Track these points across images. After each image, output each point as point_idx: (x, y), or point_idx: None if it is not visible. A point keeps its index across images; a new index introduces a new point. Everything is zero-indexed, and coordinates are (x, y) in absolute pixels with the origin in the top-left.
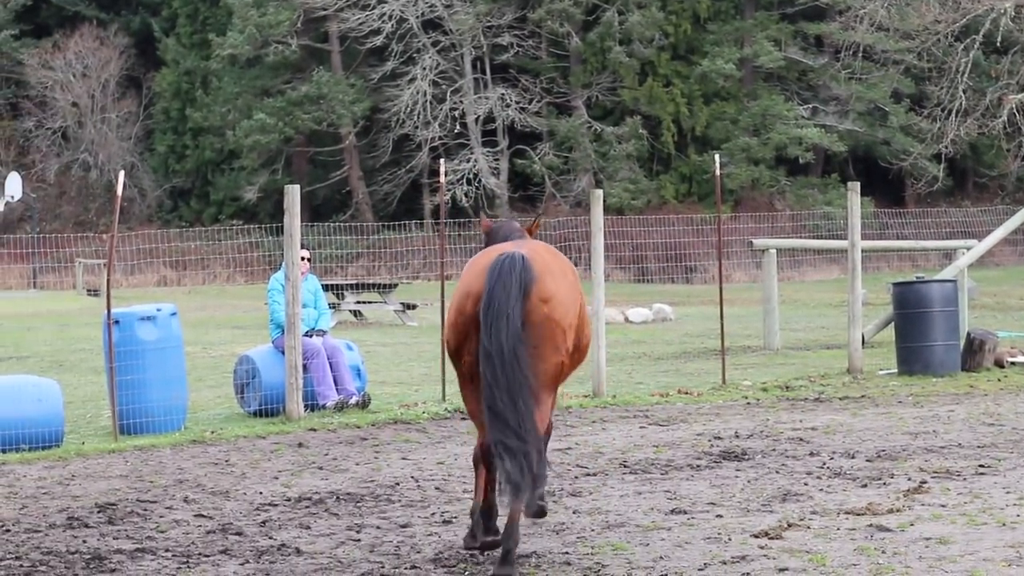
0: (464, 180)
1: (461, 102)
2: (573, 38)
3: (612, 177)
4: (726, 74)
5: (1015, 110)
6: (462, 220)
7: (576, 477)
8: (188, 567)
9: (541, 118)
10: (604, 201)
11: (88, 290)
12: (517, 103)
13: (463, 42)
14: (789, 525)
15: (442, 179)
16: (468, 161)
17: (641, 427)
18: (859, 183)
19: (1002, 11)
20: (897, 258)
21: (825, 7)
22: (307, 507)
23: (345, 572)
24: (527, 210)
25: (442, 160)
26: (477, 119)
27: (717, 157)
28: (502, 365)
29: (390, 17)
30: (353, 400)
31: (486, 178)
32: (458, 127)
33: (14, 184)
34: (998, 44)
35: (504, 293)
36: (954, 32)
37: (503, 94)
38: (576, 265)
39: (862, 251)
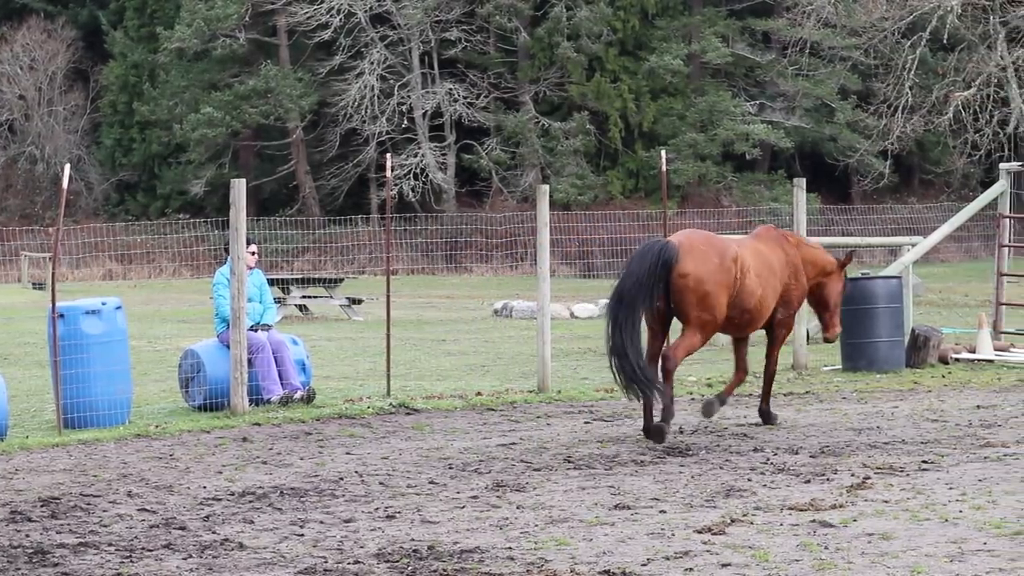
0: (411, 175)
1: (409, 97)
2: (521, 33)
3: (559, 172)
4: (673, 70)
5: (961, 107)
6: (409, 215)
7: (520, 472)
8: (131, 561)
9: (489, 113)
10: (551, 196)
11: (33, 284)
12: (465, 98)
13: (411, 37)
14: (732, 521)
15: (388, 174)
16: (415, 156)
17: (586, 422)
18: (805, 179)
19: (948, 8)
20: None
21: (773, 3)
22: (251, 502)
23: (288, 567)
24: (474, 205)
25: (389, 155)
26: (425, 114)
27: (663, 153)
28: None
29: (338, 11)
30: (298, 395)
31: (433, 173)
32: (405, 122)
33: None
34: (944, 41)
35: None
36: (901, 29)
37: (451, 89)
38: (522, 260)
39: None
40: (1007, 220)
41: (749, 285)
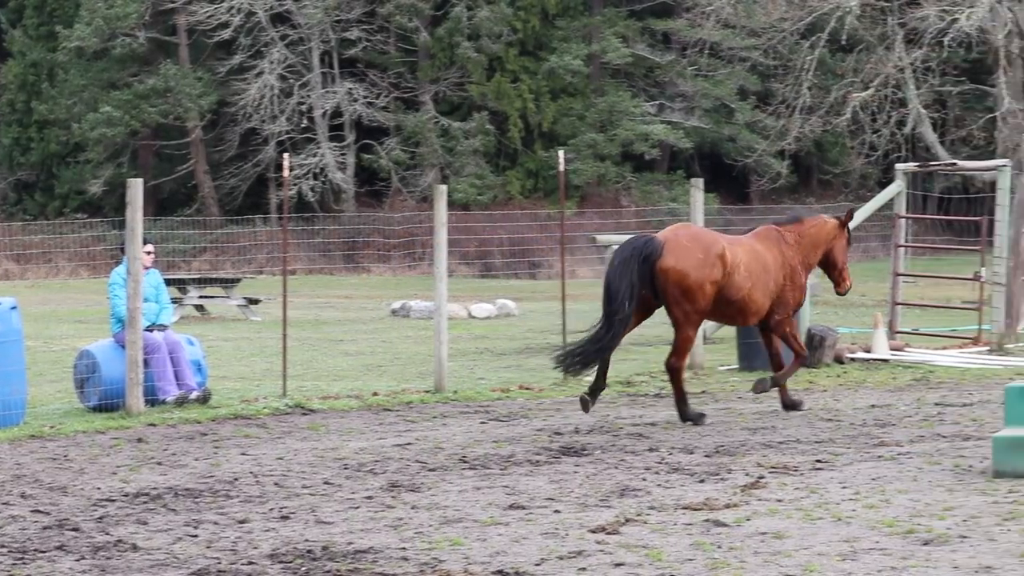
0: (311, 175)
1: (308, 96)
2: (422, 33)
3: (459, 172)
4: (573, 70)
5: (859, 108)
6: (308, 215)
7: (415, 472)
8: (24, 563)
9: (388, 113)
10: (450, 196)
11: None
12: (365, 98)
13: (311, 36)
14: (626, 520)
15: (286, 174)
16: (315, 156)
17: (482, 422)
18: (703, 179)
19: (847, 9)
20: None
21: (673, 4)
22: (145, 503)
23: (181, 568)
24: (373, 205)
25: (286, 155)
26: (324, 113)
27: (561, 153)
28: None
29: (238, 11)
30: (193, 395)
31: (332, 173)
32: (305, 121)
33: None
34: (843, 42)
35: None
36: (800, 30)
37: (351, 89)
38: (421, 260)
39: None
40: (903, 220)
41: (737, 280)
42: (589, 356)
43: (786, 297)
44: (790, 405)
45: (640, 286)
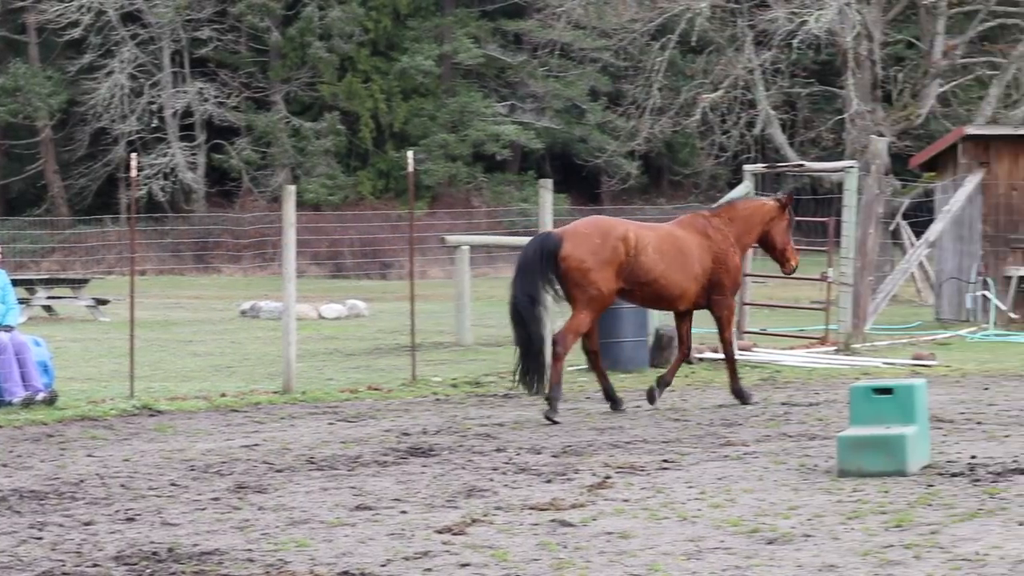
0: (161, 175)
1: (159, 96)
2: (273, 32)
3: (310, 172)
4: (425, 70)
5: (709, 109)
6: (158, 215)
7: (263, 474)
8: None
9: (240, 113)
10: (301, 196)
11: None
12: (216, 97)
13: (162, 36)
14: (473, 521)
15: (133, 174)
16: (165, 156)
17: (330, 423)
18: (551, 180)
19: (697, 11)
20: None
21: (524, 4)
22: None
23: (26, 571)
24: (224, 205)
25: (134, 155)
26: (175, 113)
27: (410, 154)
28: None
29: (88, 9)
30: (40, 396)
31: (183, 173)
32: (156, 121)
33: None
34: (693, 43)
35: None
36: (650, 31)
37: (201, 88)
38: (271, 261)
39: None
40: None
41: (644, 262)
42: (530, 365)
43: (720, 280)
44: (739, 394)
45: (547, 281)
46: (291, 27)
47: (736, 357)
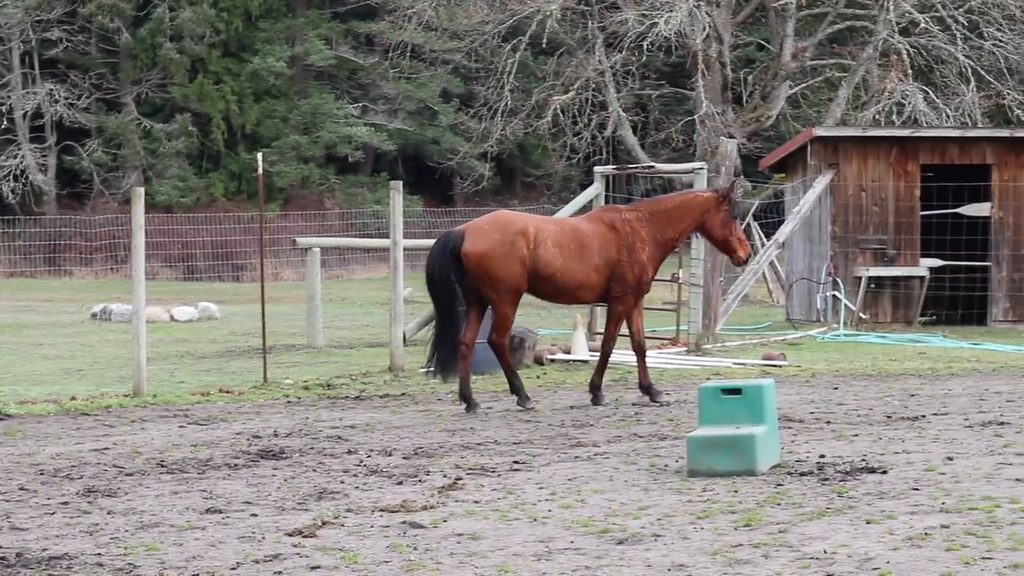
0: (11, 176)
1: (9, 97)
2: (123, 34)
3: (161, 175)
4: (277, 72)
5: (560, 111)
6: (8, 217)
7: (113, 477)
8: None
9: (90, 114)
10: (153, 198)
11: None
12: (66, 99)
13: (11, 36)
14: (324, 523)
15: None
16: (15, 157)
17: (180, 426)
18: (401, 182)
19: (548, 13)
20: None
21: (376, 6)
22: None
23: None
24: (75, 207)
25: None
26: (25, 115)
27: (259, 156)
28: None
29: None
30: None
31: (33, 175)
32: (5, 123)
33: None
34: (544, 45)
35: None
36: (501, 33)
37: (52, 89)
38: (123, 263)
39: (407, 249)
40: None
41: (544, 256)
42: (444, 355)
43: (623, 273)
44: (595, 389)
45: (452, 277)
46: (142, 28)
47: (611, 355)
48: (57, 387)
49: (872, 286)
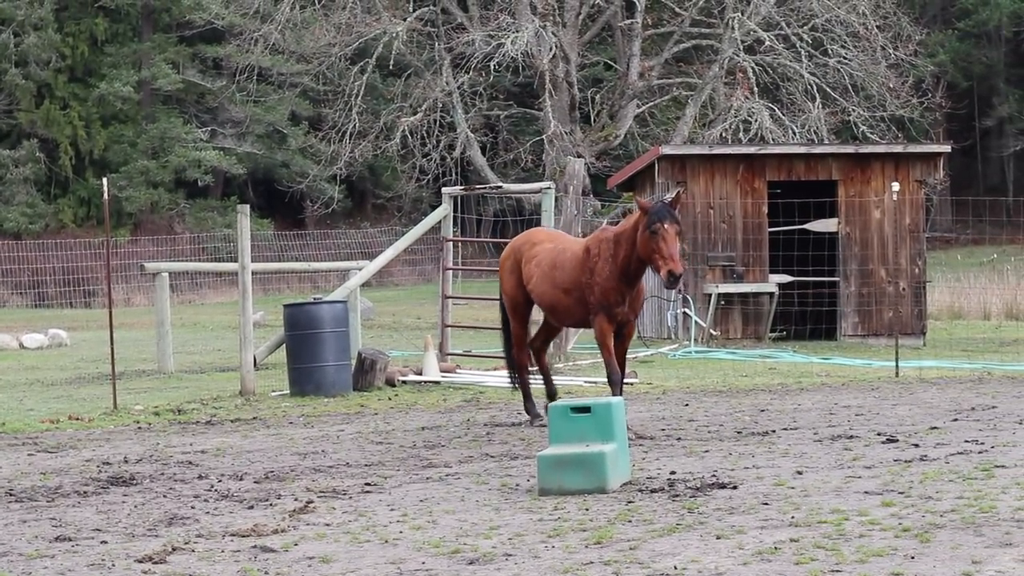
0: None
1: None
2: None
3: (9, 201)
4: (124, 96)
5: (408, 132)
6: None
7: None
8: None
9: None
10: (1, 225)
11: None
12: None
13: None
14: (174, 549)
15: None
16: None
17: (29, 454)
18: (248, 205)
19: (394, 35)
20: (298, 280)
21: (222, 30)
22: None
23: None
24: None
25: None
26: None
27: (105, 181)
28: None
29: None
30: None
31: None
32: None
33: None
34: (391, 67)
35: None
36: (348, 55)
37: None
38: None
39: (256, 273)
40: (450, 243)
41: (525, 272)
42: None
43: (586, 297)
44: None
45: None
46: None
47: (616, 378)
48: None
49: (722, 303)
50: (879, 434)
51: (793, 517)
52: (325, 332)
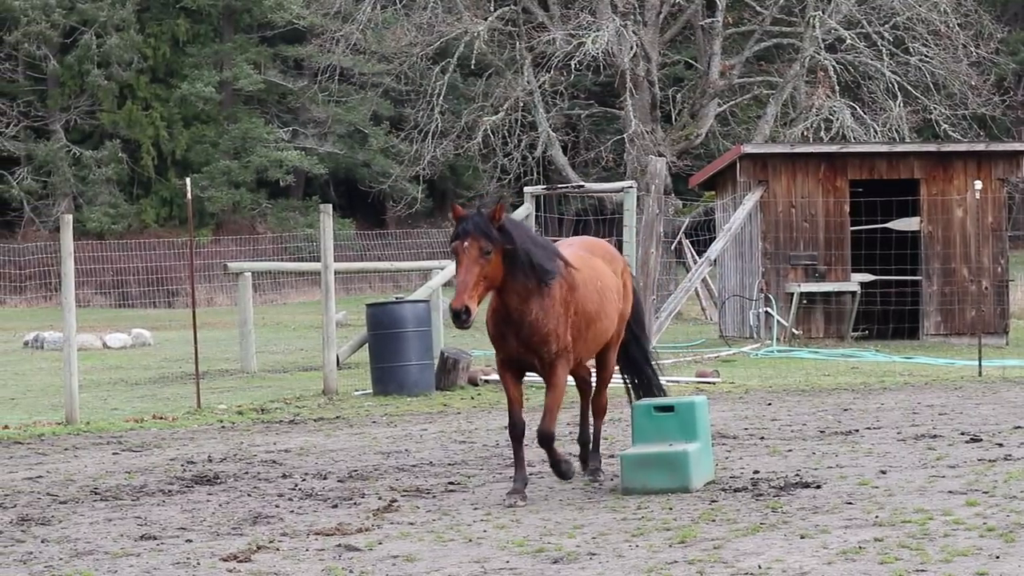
0: None
1: None
2: (51, 61)
3: (92, 201)
4: (206, 97)
5: (490, 131)
6: None
7: (47, 505)
8: None
9: (19, 142)
10: (84, 225)
11: None
12: None
13: None
14: (259, 547)
15: None
16: None
17: (114, 453)
18: (331, 205)
19: (475, 34)
20: (380, 279)
21: (303, 30)
22: None
23: None
24: (5, 236)
25: None
26: None
27: (188, 181)
28: None
29: None
30: None
31: None
32: None
33: None
34: (473, 67)
35: None
36: (430, 55)
37: None
38: (56, 291)
39: (338, 272)
40: None
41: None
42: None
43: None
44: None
45: None
46: (69, 55)
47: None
48: None
49: (804, 302)
50: (963, 433)
51: (877, 517)
52: (408, 331)
